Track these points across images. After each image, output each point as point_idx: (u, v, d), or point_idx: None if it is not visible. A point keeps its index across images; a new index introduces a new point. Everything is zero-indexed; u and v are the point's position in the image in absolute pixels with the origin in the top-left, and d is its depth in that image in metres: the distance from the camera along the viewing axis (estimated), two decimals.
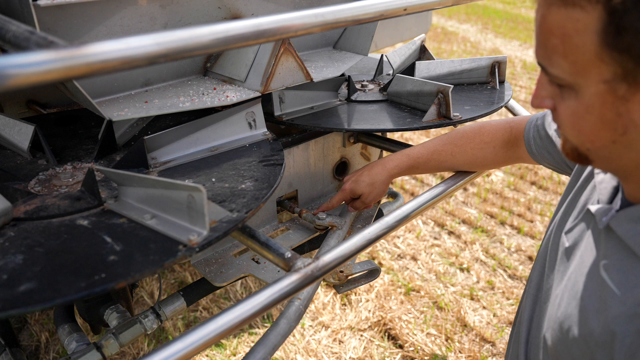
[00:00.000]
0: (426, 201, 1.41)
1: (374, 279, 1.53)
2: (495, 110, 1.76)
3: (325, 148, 1.84)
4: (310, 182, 1.84)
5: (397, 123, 1.67)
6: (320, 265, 1.08)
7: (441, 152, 1.51)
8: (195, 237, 0.93)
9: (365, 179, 1.53)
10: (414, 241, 3.77)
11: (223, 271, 1.50)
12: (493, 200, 4.34)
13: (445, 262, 3.53)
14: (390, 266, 3.48)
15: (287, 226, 1.74)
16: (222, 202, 1.11)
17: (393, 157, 1.53)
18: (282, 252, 1.13)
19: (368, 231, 1.21)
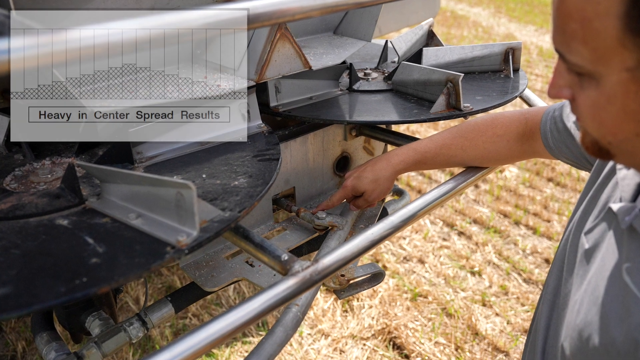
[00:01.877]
0: (434, 199, 1.41)
1: (377, 284, 1.53)
2: (509, 101, 1.76)
3: (325, 142, 1.84)
4: (308, 178, 1.84)
5: (402, 114, 1.67)
6: (320, 268, 1.08)
7: (450, 146, 1.51)
8: (184, 238, 0.93)
9: (369, 175, 1.53)
10: (421, 242, 3.78)
11: (214, 275, 1.50)
12: (507, 198, 4.34)
13: (455, 265, 3.54)
14: (396, 270, 3.48)
15: (283, 226, 1.74)
16: (213, 200, 1.11)
17: (398, 152, 1.53)
18: (278, 254, 1.13)
19: (371, 231, 1.21)
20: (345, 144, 1.93)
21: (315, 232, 1.68)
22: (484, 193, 4.43)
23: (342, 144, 1.91)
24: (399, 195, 2.24)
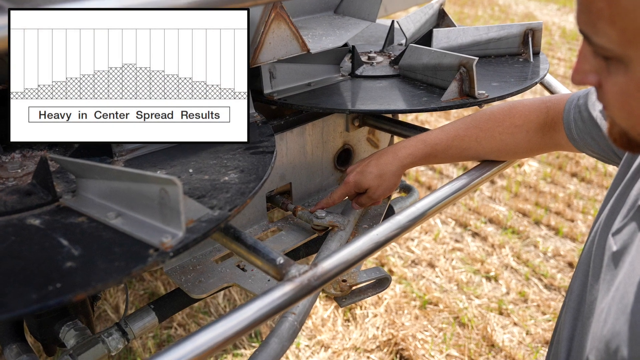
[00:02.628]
0: (446, 196, 1.41)
1: (383, 290, 1.53)
2: (529, 88, 1.76)
3: (324, 133, 1.84)
4: (306, 173, 1.84)
5: (410, 103, 1.67)
6: (319, 273, 1.08)
7: (464, 138, 1.51)
8: (168, 240, 0.93)
9: (373, 170, 1.53)
10: (431, 244, 3.78)
11: (202, 280, 1.50)
12: (526, 195, 4.35)
13: (468, 270, 3.55)
14: (403, 274, 3.49)
15: (279, 226, 1.74)
16: (201, 197, 1.11)
17: (406, 144, 1.53)
18: (273, 257, 1.13)
19: (376, 232, 1.21)
20: (347, 135, 1.92)
21: (314, 232, 1.68)
22: (500, 189, 4.44)
23: (343, 135, 1.91)
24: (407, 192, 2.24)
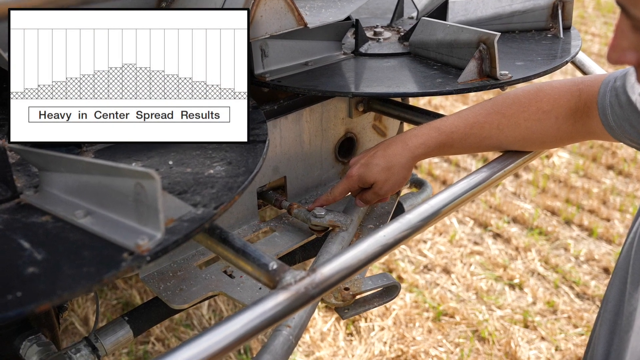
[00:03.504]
0: (463, 192, 1.41)
1: (391, 300, 1.53)
2: (558, 67, 1.76)
3: (324, 119, 1.84)
4: (303, 166, 1.84)
5: (422, 85, 1.67)
6: (318, 280, 1.08)
7: (484, 125, 1.51)
8: (145, 242, 0.93)
9: (380, 162, 1.53)
10: (447, 247, 3.79)
11: (184, 289, 1.51)
12: (555, 191, 4.35)
13: (489, 276, 3.55)
14: (414, 282, 3.50)
15: (272, 226, 1.74)
16: (182, 193, 1.11)
17: (418, 132, 1.53)
18: (265, 262, 1.13)
19: (383, 233, 1.22)
20: (350, 122, 1.92)
21: (312, 233, 1.68)
22: (526, 184, 4.44)
23: (345, 122, 1.91)
24: (419, 187, 2.25)
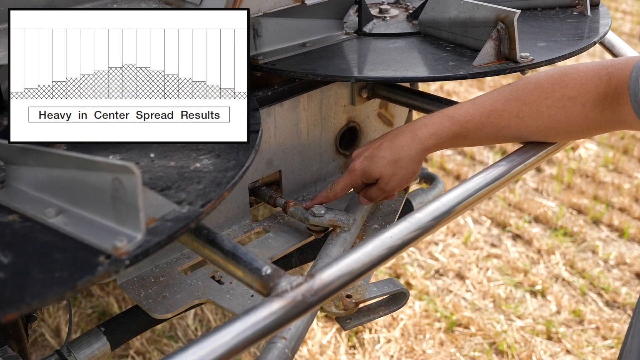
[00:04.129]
0: (479, 188, 1.41)
1: (398, 308, 1.54)
2: (585, 49, 1.76)
3: (324, 107, 1.84)
4: (300, 159, 1.84)
5: (434, 68, 1.67)
6: (317, 286, 1.08)
7: (502, 113, 1.51)
8: (123, 244, 0.93)
9: (386, 155, 1.53)
10: (461, 250, 3.79)
11: (167, 296, 1.51)
12: (582, 187, 4.36)
13: (508, 282, 3.56)
14: (424, 288, 3.50)
15: (265, 227, 1.74)
16: (165, 189, 1.11)
17: (428, 121, 1.53)
18: (257, 266, 1.14)
19: (389, 234, 1.22)
20: (352, 110, 1.92)
21: (311, 234, 1.69)
22: (549, 179, 4.45)
23: (348, 110, 1.91)
24: (429, 182, 2.25)
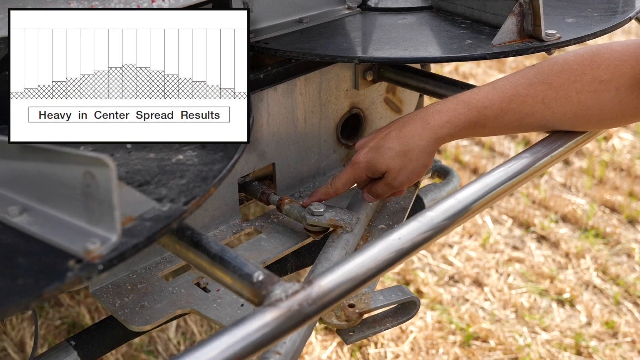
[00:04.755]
0: (499, 183, 1.41)
1: (408, 319, 1.54)
2: (620, 26, 1.76)
3: (323, 92, 1.84)
4: (297, 150, 1.84)
5: (448, 47, 1.67)
6: (315, 294, 1.09)
7: (525, 98, 1.51)
8: (96, 246, 0.93)
9: (394, 145, 1.53)
10: (479, 253, 3.79)
11: (145, 306, 1.51)
12: (615, 182, 4.36)
13: (532, 290, 3.56)
14: (437, 296, 3.50)
15: (257, 227, 1.74)
16: (144, 185, 1.11)
17: (442, 108, 1.53)
18: (248, 271, 1.14)
19: (398, 236, 1.22)
20: (355, 95, 1.93)
21: (309, 236, 1.69)
22: (578, 173, 4.45)
23: (350, 95, 1.91)
24: (443, 176, 2.25)
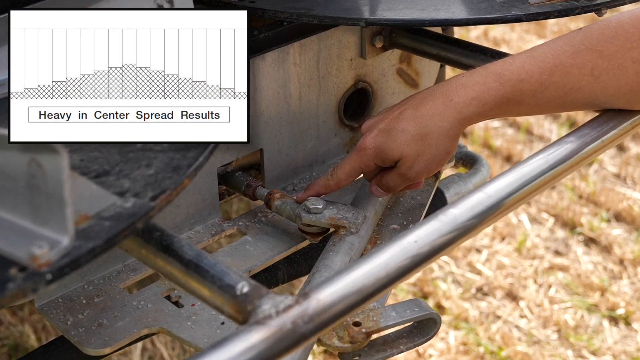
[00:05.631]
0: (538, 174, 1.41)
1: (426, 340, 1.54)
2: None
3: (322, 61, 1.85)
4: (290, 133, 1.84)
5: (475, 7, 1.68)
6: (312, 310, 1.09)
7: (570, 70, 1.51)
8: (44, 251, 0.94)
9: (409, 127, 1.53)
10: (512, 259, 3.80)
11: (104, 323, 1.51)
12: None
13: (578, 304, 3.57)
14: (462, 312, 3.51)
15: (241, 227, 1.74)
16: (102, 175, 1.11)
17: (468, 81, 1.54)
18: (230, 282, 1.14)
19: (414, 238, 1.22)
20: (362, 66, 1.93)
21: (305, 238, 1.69)
22: (635, 162, 4.45)
23: (356, 65, 1.92)
24: (469, 165, 2.25)
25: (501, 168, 4.32)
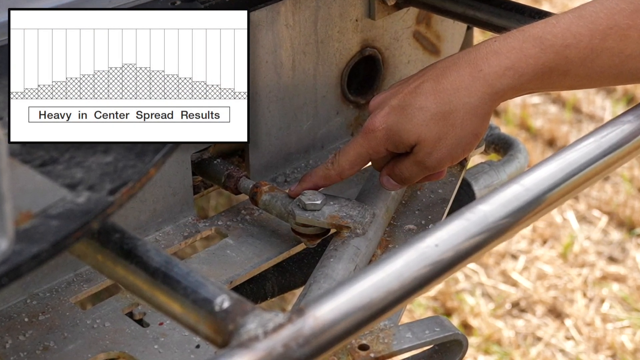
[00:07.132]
0: (587, 162, 1.41)
1: None
2: None
3: (321, 22, 1.85)
4: (281, 110, 1.85)
5: None
6: (309, 330, 1.09)
7: (628, 32, 1.51)
8: None
9: (428, 104, 1.53)
10: (557, 267, 3.81)
11: (51, 347, 1.52)
12: None
13: (637, 323, 3.58)
14: (494, 333, 3.52)
15: (220, 228, 1.75)
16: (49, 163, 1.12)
17: (501, 47, 1.54)
18: (207, 295, 1.14)
19: (434, 241, 1.22)
20: (370, 28, 1.93)
21: (300, 241, 1.70)
22: None
23: (362, 27, 1.92)
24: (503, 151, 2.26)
25: (542, 155, 4.33)
